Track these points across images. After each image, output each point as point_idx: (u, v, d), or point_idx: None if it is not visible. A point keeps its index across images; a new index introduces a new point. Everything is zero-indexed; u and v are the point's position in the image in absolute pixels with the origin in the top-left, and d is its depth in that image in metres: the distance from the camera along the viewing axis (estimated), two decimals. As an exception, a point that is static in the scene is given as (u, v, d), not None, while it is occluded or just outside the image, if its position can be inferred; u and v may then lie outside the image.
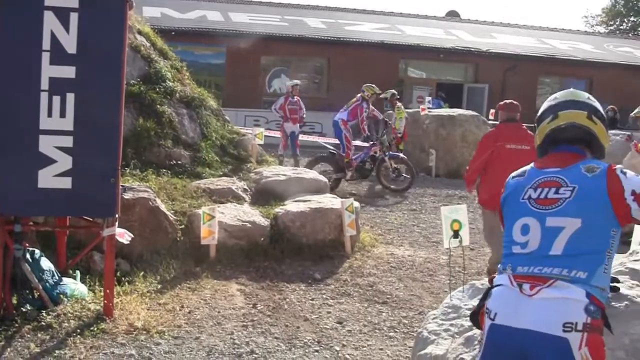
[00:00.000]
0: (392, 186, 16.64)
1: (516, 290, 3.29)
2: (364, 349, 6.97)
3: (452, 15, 46.90)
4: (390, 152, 17.01)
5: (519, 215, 3.48)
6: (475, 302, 5.26)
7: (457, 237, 6.23)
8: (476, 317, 3.62)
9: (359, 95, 16.98)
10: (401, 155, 17.28)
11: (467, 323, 4.96)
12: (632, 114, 15.05)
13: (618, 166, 3.43)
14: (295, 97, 19.17)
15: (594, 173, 3.37)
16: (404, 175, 16.64)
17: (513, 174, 3.72)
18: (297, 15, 36.13)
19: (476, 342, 4.59)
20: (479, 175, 9.21)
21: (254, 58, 31.37)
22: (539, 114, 3.77)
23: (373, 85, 17.17)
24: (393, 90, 20.67)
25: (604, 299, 3.28)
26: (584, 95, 3.68)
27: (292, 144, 19.02)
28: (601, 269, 3.29)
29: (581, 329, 3.10)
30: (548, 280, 3.23)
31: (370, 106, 17.32)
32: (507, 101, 9.59)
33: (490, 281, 3.64)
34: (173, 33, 25.14)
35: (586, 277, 3.22)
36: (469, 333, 4.75)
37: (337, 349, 6.90)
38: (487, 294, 3.51)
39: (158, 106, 11.19)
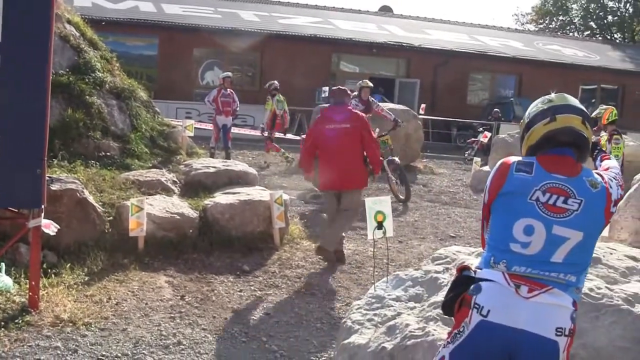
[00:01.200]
0: (399, 195, 14.89)
1: (512, 291, 3.38)
2: (291, 339, 7.03)
3: (385, 10, 47.17)
4: (390, 157, 14.81)
5: (525, 214, 3.51)
6: (398, 292, 5.38)
7: (381, 229, 6.32)
8: (451, 306, 3.62)
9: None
10: (396, 159, 14.96)
11: (390, 312, 5.07)
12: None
13: (607, 178, 3.60)
14: (229, 89, 19.14)
15: (597, 189, 3.51)
16: (400, 183, 15.04)
17: (516, 164, 3.66)
18: (231, 8, 35.96)
19: (397, 331, 4.70)
20: (312, 159, 9.77)
21: (186, 50, 31.21)
22: (529, 116, 3.78)
23: (363, 80, 16.71)
24: (274, 82, 20.46)
25: (579, 300, 3.51)
26: (577, 101, 3.76)
27: (224, 137, 18.95)
28: (586, 272, 3.55)
29: (567, 334, 3.32)
30: (546, 286, 3.36)
31: (379, 105, 16.81)
32: (336, 87, 10.32)
33: (460, 270, 3.69)
34: (103, 23, 24.85)
35: (575, 280, 3.43)
36: (391, 322, 4.86)
37: (264, 339, 6.96)
38: (463, 284, 3.57)
39: (87, 97, 11.09)
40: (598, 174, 3.64)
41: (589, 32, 62.64)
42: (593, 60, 39.26)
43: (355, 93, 15.64)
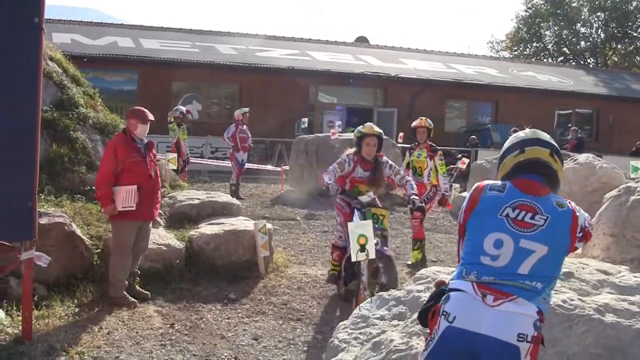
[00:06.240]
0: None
1: (479, 300, 3.64)
2: (279, 363, 7.22)
3: (361, 41, 47.67)
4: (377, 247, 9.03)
5: (495, 229, 3.79)
6: (382, 312, 5.59)
7: (364, 251, 6.52)
8: (425, 316, 3.93)
9: None
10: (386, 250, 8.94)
11: (375, 331, 5.28)
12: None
13: (574, 205, 3.88)
14: (245, 125, 19.54)
15: (563, 209, 3.80)
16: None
17: (490, 186, 3.98)
18: (208, 42, 36.27)
19: (382, 347, 4.91)
20: None
21: (165, 84, 31.41)
22: (503, 149, 4.13)
23: (365, 124, 9.54)
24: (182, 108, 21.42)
25: (546, 313, 3.72)
26: (546, 135, 4.06)
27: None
28: (551, 287, 3.79)
29: (530, 340, 3.55)
30: (511, 295, 3.61)
31: (397, 170, 9.60)
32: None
33: (438, 285, 4.01)
34: (85, 60, 24.95)
35: (541, 289, 3.68)
36: (376, 339, 5.07)
37: (254, 363, 7.14)
38: (438, 296, 3.86)
39: (71, 132, 11.22)
40: (568, 202, 3.91)
41: (562, 57, 63.67)
42: (567, 86, 39.87)
43: (351, 150, 9.52)
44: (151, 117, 9.23)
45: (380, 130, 9.45)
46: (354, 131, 9.67)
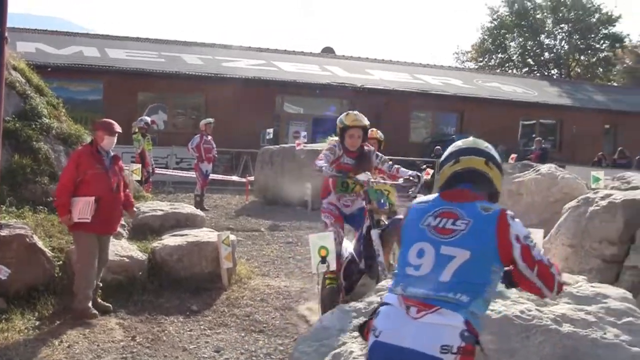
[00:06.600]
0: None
1: (403, 312, 3.63)
2: (241, 375, 7.22)
3: (328, 51, 47.77)
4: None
5: (417, 239, 3.82)
6: (343, 323, 5.62)
7: (325, 263, 6.54)
8: (362, 331, 3.93)
9: None
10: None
11: (335, 343, 5.30)
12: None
13: (509, 212, 3.82)
14: (209, 135, 19.50)
15: (488, 212, 3.76)
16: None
17: (418, 200, 4.09)
18: (174, 52, 36.22)
19: (342, 359, 4.94)
20: None
21: (131, 94, 31.27)
22: (442, 158, 4.17)
23: (350, 112, 9.52)
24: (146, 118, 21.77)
25: (478, 326, 3.65)
26: (484, 144, 4.10)
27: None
28: (481, 298, 3.70)
29: (455, 351, 3.48)
30: (434, 307, 3.57)
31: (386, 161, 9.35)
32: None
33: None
34: (49, 69, 24.75)
35: (467, 301, 3.60)
36: (336, 351, 5.09)
37: (215, 376, 7.12)
38: (375, 311, 3.83)
39: (34, 143, 11.14)
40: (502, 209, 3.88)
41: (527, 68, 64.48)
42: (532, 96, 40.34)
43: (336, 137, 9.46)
44: (118, 129, 9.23)
45: (366, 122, 9.08)
46: (337, 121, 9.30)
